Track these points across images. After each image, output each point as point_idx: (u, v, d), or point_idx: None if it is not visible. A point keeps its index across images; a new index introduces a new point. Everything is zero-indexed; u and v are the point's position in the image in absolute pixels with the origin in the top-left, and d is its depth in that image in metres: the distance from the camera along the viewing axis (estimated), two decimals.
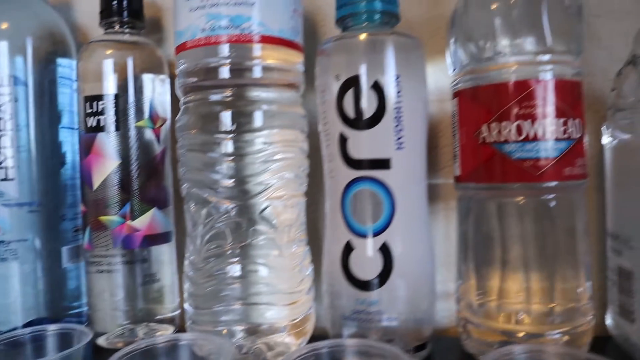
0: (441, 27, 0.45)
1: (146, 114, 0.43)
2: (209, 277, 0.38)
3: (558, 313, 0.35)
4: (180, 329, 0.46)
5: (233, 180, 0.37)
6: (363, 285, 0.36)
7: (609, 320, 0.40)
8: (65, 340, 0.37)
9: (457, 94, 0.38)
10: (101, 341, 0.44)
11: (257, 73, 0.37)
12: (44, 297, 0.46)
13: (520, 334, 0.35)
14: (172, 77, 0.45)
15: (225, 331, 0.38)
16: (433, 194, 0.46)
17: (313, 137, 0.41)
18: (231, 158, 0.37)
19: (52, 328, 0.38)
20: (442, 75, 0.45)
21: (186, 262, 0.40)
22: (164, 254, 0.45)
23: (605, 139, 0.39)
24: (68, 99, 0.47)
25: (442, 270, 0.46)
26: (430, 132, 0.46)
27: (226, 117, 0.37)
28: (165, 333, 0.45)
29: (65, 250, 0.47)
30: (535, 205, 0.35)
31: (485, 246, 0.37)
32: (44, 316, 0.46)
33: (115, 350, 0.33)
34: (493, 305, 0.37)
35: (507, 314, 0.36)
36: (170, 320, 0.46)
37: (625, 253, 0.36)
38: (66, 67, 0.47)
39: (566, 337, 0.35)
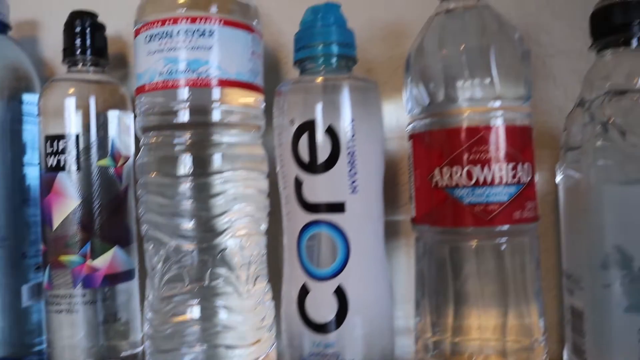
0: (401, 66, 0.46)
1: (108, 153, 0.44)
2: (167, 319, 0.38)
3: (511, 351, 0.36)
4: None
5: (191, 223, 0.37)
6: (319, 328, 0.36)
7: (565, 357, 0.40)
8: None
9: (411, 137, 0.38)
10: None
11: (215, 116, 0.38)
12: (2, 334, 0.46)
13: None
14: (136, 114, 0.46)
15: None
16: (394, 231, 0.47)
17: (274, 174, 0.41)
18: (190, 201, 0.37)
19: None
20: (402, 112, 0.46)
21: (146, 302, 0.40)
22: (126, 291, 0.45)
23: (558, 178, 0.40)
24: (32, 135, 0.47)
25: (404, 306, 0.47)
26: (391, 169, 0.46)
27: (185, 160, 0.37)
28: None
29: (25, 289, 0.46)
30: (487, 248, 0.36)
31: (440, 286, 0.37)
32: (4, 355, 0.45)
33: None
34: (448, 344, 0.37)
35: (462, 354, 0.37)
36: (133, 357, 0.46)
37: (577, 293, 0.37)
38: (30, 103, 0.47)
39: None
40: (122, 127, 0.45)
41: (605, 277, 0.34)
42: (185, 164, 0.37)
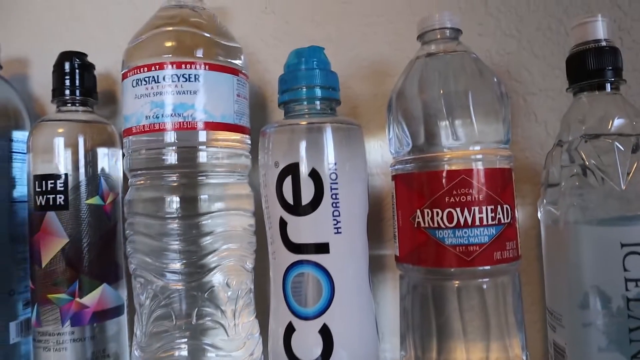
0: (385, 104, 0.47)
1: (97, 191, 0.44)
2: (155, 357, 0.38)
3: None
4: None
5: (178, 262, 0.38)
6: None
7: None
8: None
9: (394, 177, 0.39)
10: None
11: (202, 158, 0.38)
12: None
13: None
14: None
15: None
16: (381, 264, 0.47)
17: (261, 211, 0.41)
18: (176, 241, 0.38)
19: None
20: (387, 149, 0.47)
21: (134, 339, 0.41)
22: (115, 327, 0.45)
23: (539, 214, 0.41)
24: (21, 172, 0.47)
25: (391, 338, 0.47)
26: (376, 204, 0.47)
27: (172, 201, 0.38)
28: None
29: (13, 325, 0.46)
30: (469, 287, 0.36)
31: (423, 323, 0.38)
32: None
33: None
34: None
35: None
36: None
37: (558, 330, 0.38)
38: (20, 141, 0.48)
39: None
40: (110, 164, 0.46)
41: (585, 316, 0.35)
42: (172, 205, 0.38)
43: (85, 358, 0.43)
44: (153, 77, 0.37)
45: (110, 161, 0.46)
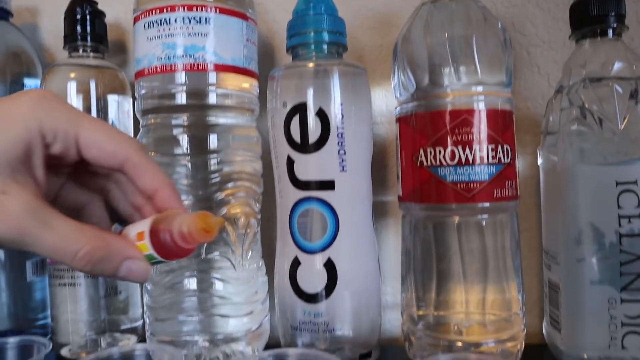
0: (390, 54, 0.48)
1: None
2: (166, 290, 0.40)
3: (491, 323, 0.38)
4: (144, 338, 0.48)
5: (187, 200, 0.39)
6: (310, 298, 0.38)
7: (544, 330, 0.43)
8: (25, 352, 0.39)
9: (398, 120, 0.40)
10: (64, 352, 0.45)
11: (211, 99, 0.40)
12: (7, 310, 0.48)
13: (459, 344, 0.38)
14: (134, 98, 0.47)
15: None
16: (384, 210, 0.49)
17: (268, 158, 0.43)
18: (186, 179, 0.39)
19: (12, 341, 0.40)
20: (391, 98, 0.48)
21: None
22: None
23: (539, 161, 0.42)
24: None
25: (393, 282, 0.49)
26: (380, 152, 0.48)
27: (182, 140, 0.39)
28: (128, 343, 0.47)
29: (29, 264, 0.48)
30: (469, 224, 0.38)
31: (424, 262, 0.39)
32: (8, 328, 0.47)
33: None
34: (432, 318, 0.39)
35: (445, 326, 0.39)
36: (133, 330, 0.48)
37: (554, 268, 0.39)
38: (32, 87, 0.49)
39: (500, 345, 0.38)
40: (121, 111, 0.47)
41: (579, 251, 0.37)
42: (182, 144, 0.39)
43: (98, 294, 0.45)
44: (164, 19, 0.38)
45: (121, 108, 0.47)
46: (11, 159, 0.23)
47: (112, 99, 0.46)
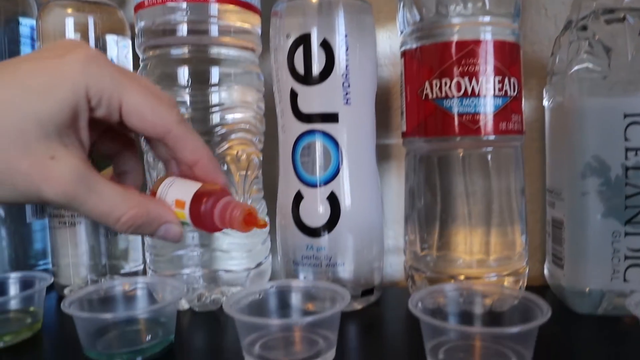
0: None
1: None
2: None
3: (494, 259, 0.38)
4: None
5: None
6: (312, 232, 0.38)
7: (545, 271, 0.43)
8: (26, 286, 0.39)
9: (403, 54, 0.40)
10: (66, 292, 0.45)
11: (213, 32, 0.39)
12: (9, 257, 0.48)
13: (461, 277, 0.38)
14: (134, 39, 0.46)
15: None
16: (386, 154, 0.48)
17: (272, 99, 0.42)
18: (187, 112, 0.39)
19: (13, 275, 0.40)
20: (395, 40, 0.47)
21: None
22: None
23: (545, 101, 0.42)
24: None
25: (394, 226, 0.49)
26: (383, 94, 0.48)
27: (183, 73, 0.39)
28: None
29: (29, 207, 0.48)
30: (474, 157, 0.38)
31: (428, 199, 0.39)
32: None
33: None
34: (435, 255, 0.39)
35: (449, 262, 0.39)
36: (134, 274, 0.48)
37: (558, 204, 0.39)
38: (27, 26, 0.48)
39: (502, 280, 0.38)
40: (120, 52, 0.46)
41: (584, 185, 0.36)
42: (183, 78, 0.39)
43: (99, 234, 0.45)
44: None
45: (120, 48, 0.46)
46: (59, 124, 0.23)
47: (112, 39, 0.45)
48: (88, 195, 0.24)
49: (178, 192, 0.27)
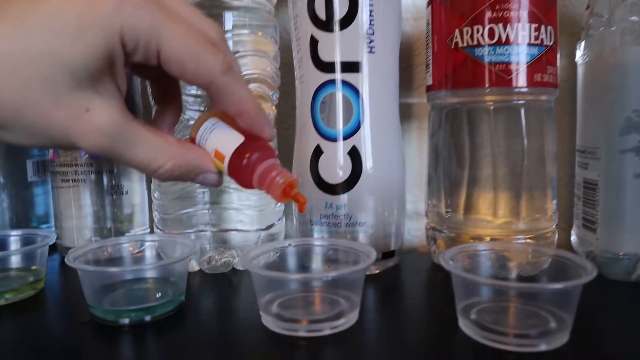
0: None
1: None
2: (176, 183, 0.38)
3: (524, 222, 0.36)
4: None
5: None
6: (332, 189, 0.36)
7: (573, 237, 0.40)
8: (28, 244, 0.37)
9: (430, 2, 0.37)
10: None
11: None
12: (9, 220, 0.46)
13: (487, 239, 0.36)
14: None
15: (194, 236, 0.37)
16: (407, 113, 0.46)
17: (285, 55, 0.40)
18: None
19: (14, 233, 0.38)
20: None
21: (153, 182, 0.40)
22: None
23: (579, 57, 0.39)
24: None
25: (414, 190, 0.47)
26: (405, 50, 0.45)
27: None
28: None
29: (29, 164, 0.46)
30: (505, 112, 0.35)
31: (455, 158, 0.37)
32: None
33: None
34: (461, 217, 0.37)
35: (475, 223, 0.36)
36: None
37: (592, 164, 0.37)
38: None
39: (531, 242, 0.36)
40: None
41: (623, 142, 0.34)
42: None
43: (103, 192, 0.42)
44: None
45: None
46: (93, 72, 0.21)
47: None
48: (125, 147, 0.22)
49: (218, 141, 0.25)
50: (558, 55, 0.36)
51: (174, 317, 0.31)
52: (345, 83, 0.35)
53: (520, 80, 0.34)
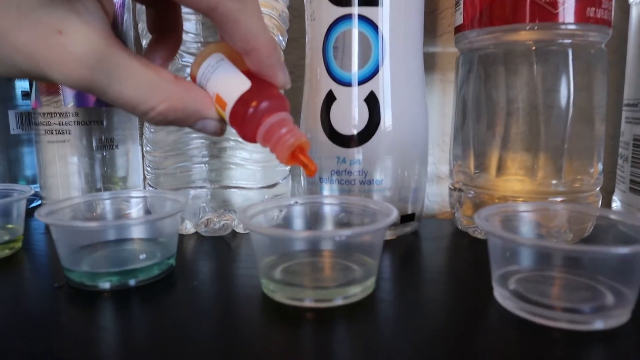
0: None
1: None
2: (170, 133, 0.33)
3: (565, 183, 0.31)
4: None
5: (194, 25, 0.32)
6: (345, 141, 0.31)
7: (615, 204, 0.36)
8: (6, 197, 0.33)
9: None
10: None
11: None
12: None
13: (520, 200, 0.31)
14: None
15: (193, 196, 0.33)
16: (429, 64, 0.41)
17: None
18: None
19: None
20: None
21: (145, 128, 0.36)
22: (126, 115, 0.40)
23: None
24: None
25: (435, 151, 0.42)
26: None
27: None
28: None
29: (12, 115, 0.41)
30: (549, 55, 0.30)
31: (488, 110, 0.32)
32: None
33: None
34: (492, 176, 0.32)
35: (508, 182, 0.32)
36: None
37: None
38: None
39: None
40: None
41: None
42: None
43: (91, 145, 0.38)
44: None
45: None
46: None
47: None
48: (109, 81, 0.18)
49: (221, 84, 0.20)
50: None
51: (162, 282, 0.27)
52: (363, 18, 0.30)
53: (569, 15, 0.29)
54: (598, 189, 0.33)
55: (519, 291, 0.22)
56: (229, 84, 0.20)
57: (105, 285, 0.25)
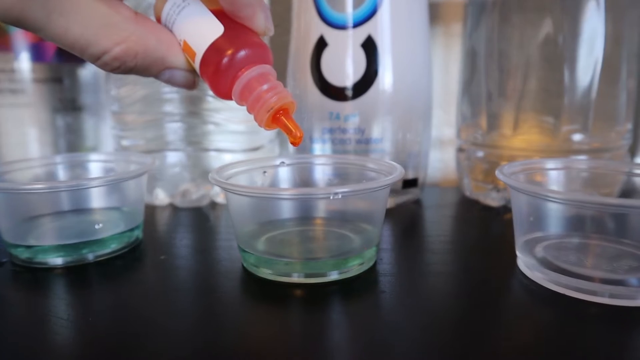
0: None
1: None
2: (138, 88, 0.29)
3: (590, 141, 0.27)
4: None
5: None
6: (339, 94, 0.27)
7: None
8: None
9: None
10: None
11: None
12: None
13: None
14: None
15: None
16: (432, 15, 0.37)
17: None
18: None
19: None
20: None
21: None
22: (90, 75, 0.35)
23: None
24: None
25: (437, 112, 0.38)
26: None
27: None
28: None
29: None
30: None
31: (500, 61, 0.28)
32: None
33: None
34: (509, 134, 0.28)
35: (525, 139, 0.28)
36: None
37: None
38: None
39: None
40: None
41: None
42: None
43: (51, 106, 0.34)
44: None
45: None
46: None
47: None
48: (49, 14, 0.14)
49: (189, 28, 0.16)
50: None
51: (126, 256, 0.23)
52: None
53: None
54: (627, 149, 0.29)
55: (549, 259, 0.19)
56: (197, 28, 0.16)
57: (57, 261, 0.21)
